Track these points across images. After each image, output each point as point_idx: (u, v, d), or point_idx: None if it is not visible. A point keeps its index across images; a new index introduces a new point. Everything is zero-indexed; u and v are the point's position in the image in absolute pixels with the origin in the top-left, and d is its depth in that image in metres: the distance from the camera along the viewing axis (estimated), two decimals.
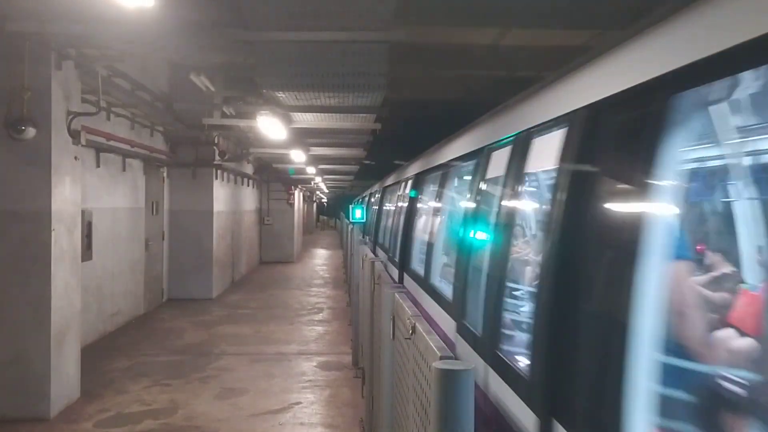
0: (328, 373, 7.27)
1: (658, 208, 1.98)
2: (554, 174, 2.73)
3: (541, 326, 2.59)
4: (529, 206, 4.37)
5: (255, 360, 7.78)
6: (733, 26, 1.75)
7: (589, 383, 2.21)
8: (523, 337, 3.40)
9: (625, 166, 2.20)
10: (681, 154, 2.05)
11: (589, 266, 2.35)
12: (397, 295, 3.03)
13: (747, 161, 3.25)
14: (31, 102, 5.44)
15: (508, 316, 3.63)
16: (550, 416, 2.42)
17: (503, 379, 3.08)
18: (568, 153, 2.62)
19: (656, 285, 1.92)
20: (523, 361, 3.02)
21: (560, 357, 2.39)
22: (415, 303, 3.75)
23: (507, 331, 3.51)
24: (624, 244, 2.00)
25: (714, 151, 3.19)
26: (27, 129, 5.44)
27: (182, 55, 5.98)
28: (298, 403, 6.18)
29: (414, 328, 2.34)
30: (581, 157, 2.49)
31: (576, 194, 2.49)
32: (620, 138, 2.28)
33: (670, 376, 2.10)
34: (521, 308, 3.81)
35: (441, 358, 1.78)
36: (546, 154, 2.90)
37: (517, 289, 3.96)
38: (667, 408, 2.07)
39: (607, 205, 2.30)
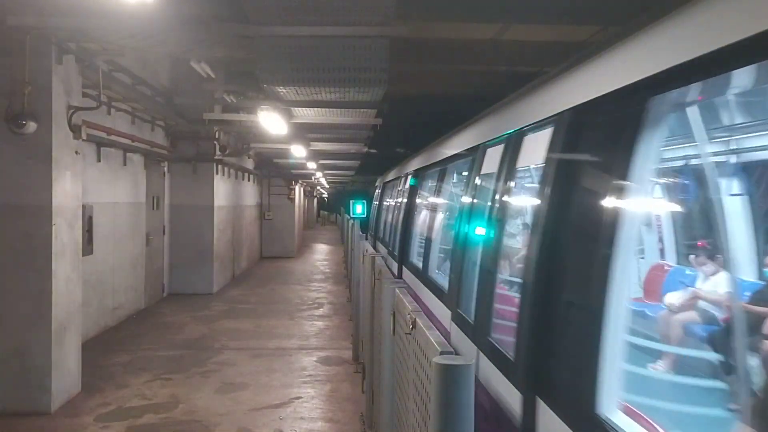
0: (329, 368, 7.28)
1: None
2: None
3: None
4: None
5: (255, 355, 7.80)
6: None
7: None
8: None
9: None
10: None
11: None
12: (397, 290, 3.04)
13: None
14: (31, 96, 5.43)
15: None
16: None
17: None
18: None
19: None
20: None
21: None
22: None
23: None
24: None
25: None
26: (28, 123, 5.43)
27: (183, 49, 5.97)
28: (298, 398, 6.19)
29: (414, 324, 2.34)
30: None
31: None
32: None
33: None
34: None
35: (441, 353, 1.78)
36: None
37: None
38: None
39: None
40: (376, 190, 17.57)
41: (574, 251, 2.37)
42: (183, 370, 7.06)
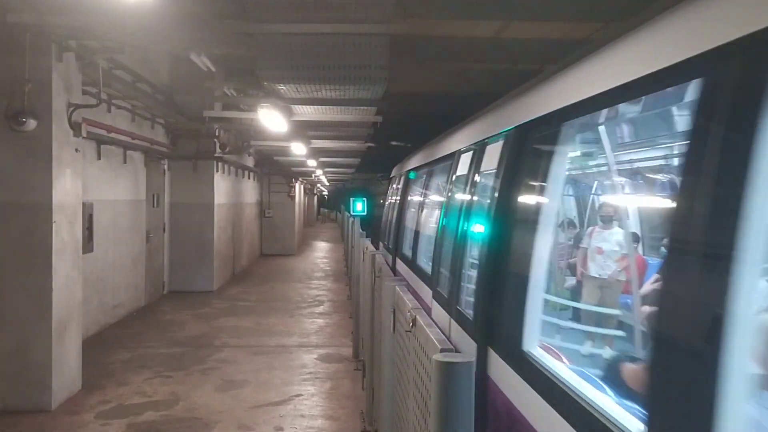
0: (329, 366, 7.28)
1: None
2: None
3: None
4: None
5: (256, 352, 7.80)
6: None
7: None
8: None
9: None
10: None
11: None
12: (397, 287, 3.04)
13: None
14: (31, 94, 5.43)
15: None
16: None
17: None
18: None
19: None
20: None
21: None
22: None
23: None
24: None
25: None
26: (28, 121, 5.43)
27: (183, 47, 5.97)
28: (298, 395, 6.20)
29: (414, 321, 2.34)
30: None
31: None
32: None
33: None
34: None
35: (441, 350, 1.78)
36: None
37: None
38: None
39: None
40: (393, 183, 12.27)
41: None
42: (183, 367, 7.06)
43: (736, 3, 1.83)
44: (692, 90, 1.95)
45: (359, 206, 24.88)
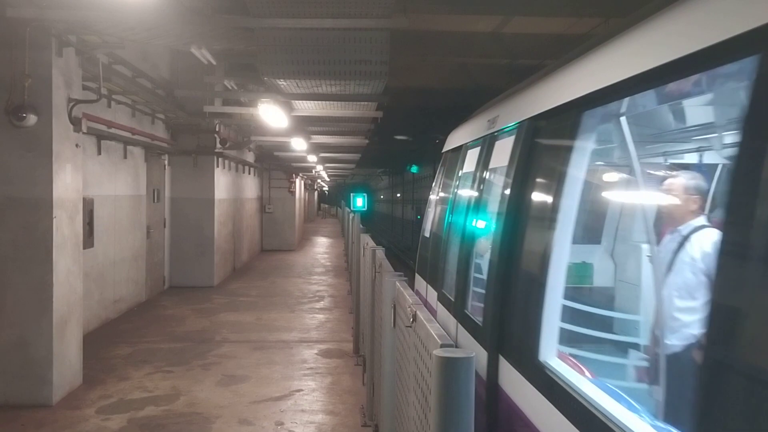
0: (329, 361, 7.29)
1: None
2: None
3: None
4: None
5: (256, 347, 7.81)
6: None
7: None
8: None
9: None
10: None
11: None
12: (398, 283, 3.04)
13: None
14: (31, 89, 5.42)
15: None
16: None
17: None
18: None
19: None
20: None
21: None
22: None
23: None
24: None
25: None
26: (28, 116, 5.43)
27: (183, 42, 5.96)
28: (299, 391, 6.21)
29: (415, 316, 2.34)
30: None
31: None
32: None
33: None
34: None
35: (442, 346, 1.79)
36: None
37: None
38: None
39: None
40: (454, 165, 6.01)
41: None
42: (184, 362, 7.07)
43: None
44: None
45: (359, 202, 24.88)
